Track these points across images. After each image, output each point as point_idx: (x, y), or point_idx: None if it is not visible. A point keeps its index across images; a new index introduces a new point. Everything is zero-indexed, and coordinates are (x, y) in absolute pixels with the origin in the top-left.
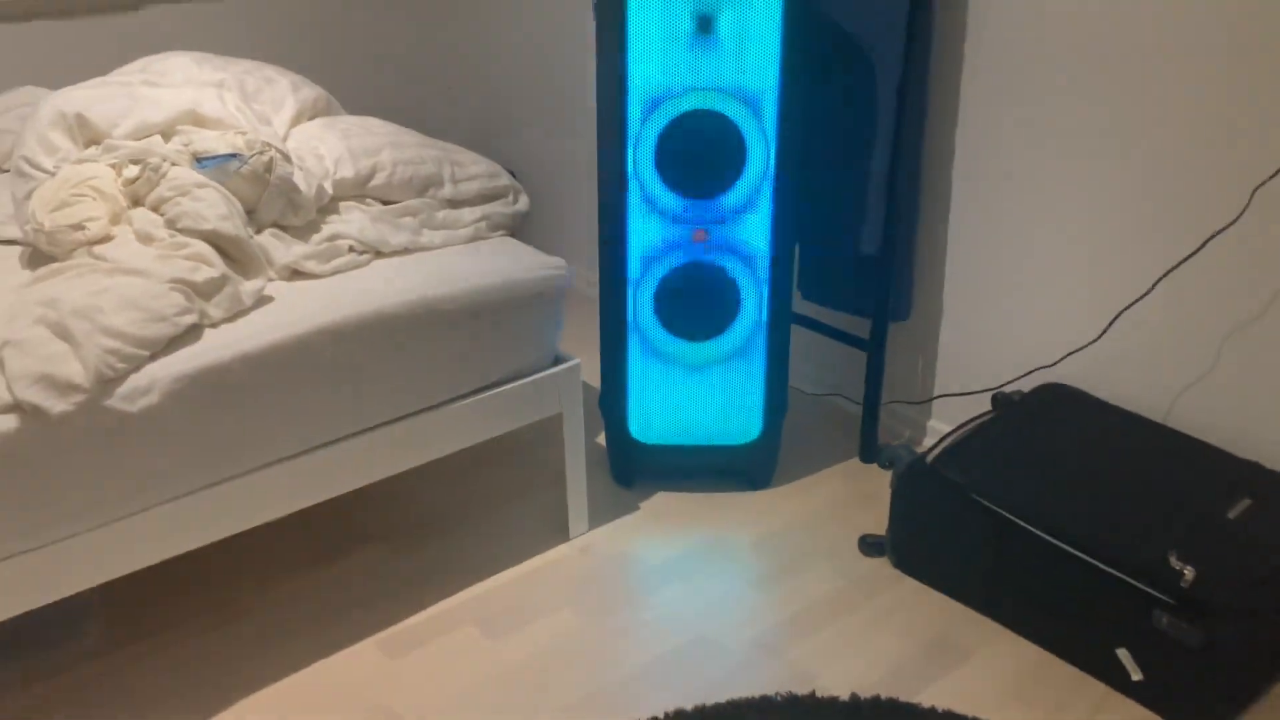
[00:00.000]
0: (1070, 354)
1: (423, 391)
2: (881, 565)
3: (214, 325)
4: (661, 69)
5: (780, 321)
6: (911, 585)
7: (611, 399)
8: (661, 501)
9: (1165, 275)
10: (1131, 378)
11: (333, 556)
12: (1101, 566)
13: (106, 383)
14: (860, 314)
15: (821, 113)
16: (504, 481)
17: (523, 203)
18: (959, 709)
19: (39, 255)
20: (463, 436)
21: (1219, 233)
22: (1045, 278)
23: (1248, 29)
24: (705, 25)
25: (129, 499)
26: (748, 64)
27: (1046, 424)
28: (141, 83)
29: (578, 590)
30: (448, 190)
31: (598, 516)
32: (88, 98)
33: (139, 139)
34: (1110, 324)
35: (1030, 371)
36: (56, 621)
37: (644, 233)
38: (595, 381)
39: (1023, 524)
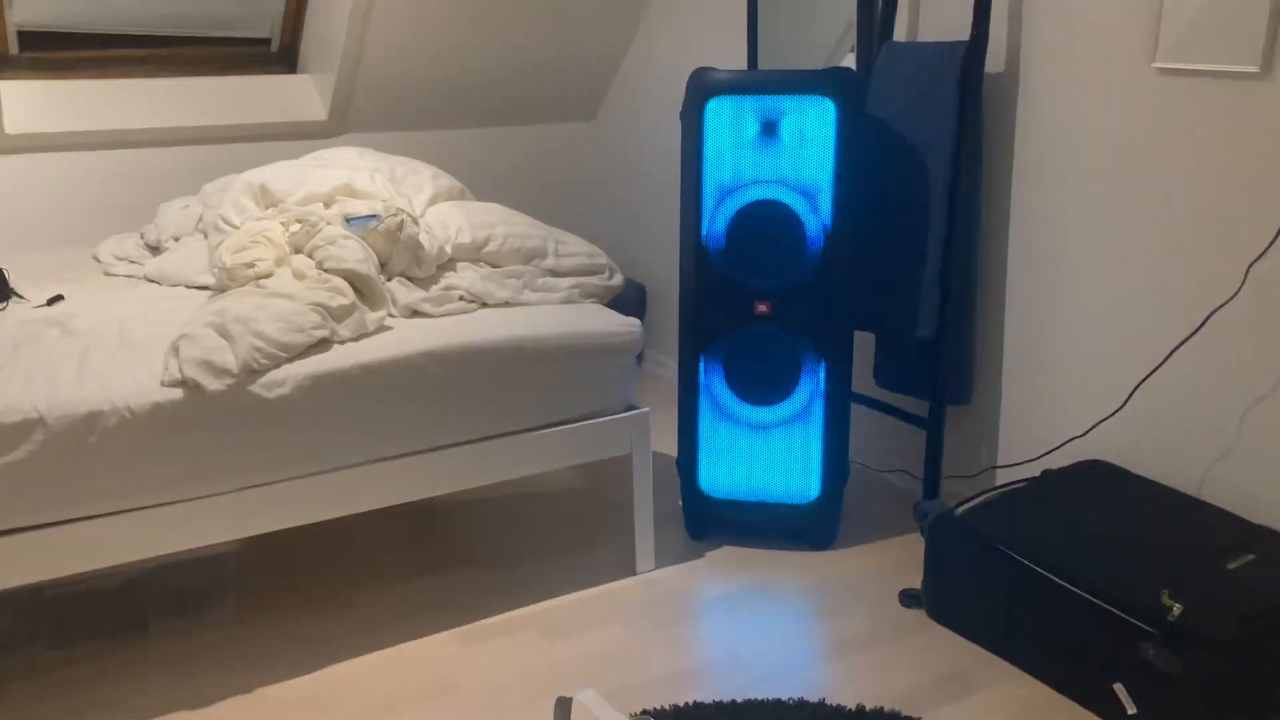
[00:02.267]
0: (1098, 424)
1: (509, 418)
2: (917, 615)
3: (342, 342)
4: (732, 166)
5: (838, 390)
6: (941, 631)
7: (685, 456)
8: (727, 553)
9: (1177, 348)
10: (1164, 452)
11: (433, 568)
12: (1100, 604)
13: (252, 373)
14: (927, 398)
15: (882, 210)
16: (588, 526)
17: (617, 279)
18: None
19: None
20: (541, 462)
21: (1219, 308)
22: (1084, 357)
23: (1230, 134)
24: (769, 129)
25: (260, 472)
26: (805, 161)
27: (1076, 491)
28: (314, 165)
29: (633, 611)
30: (550, 261)
31: (665, 560)
32: (272, 173)
33: (305, 205)
34: (1130, 395)
35: (1065, 443)
36: (198, 591)
37: (714, 309)
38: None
39: (1035, 568)
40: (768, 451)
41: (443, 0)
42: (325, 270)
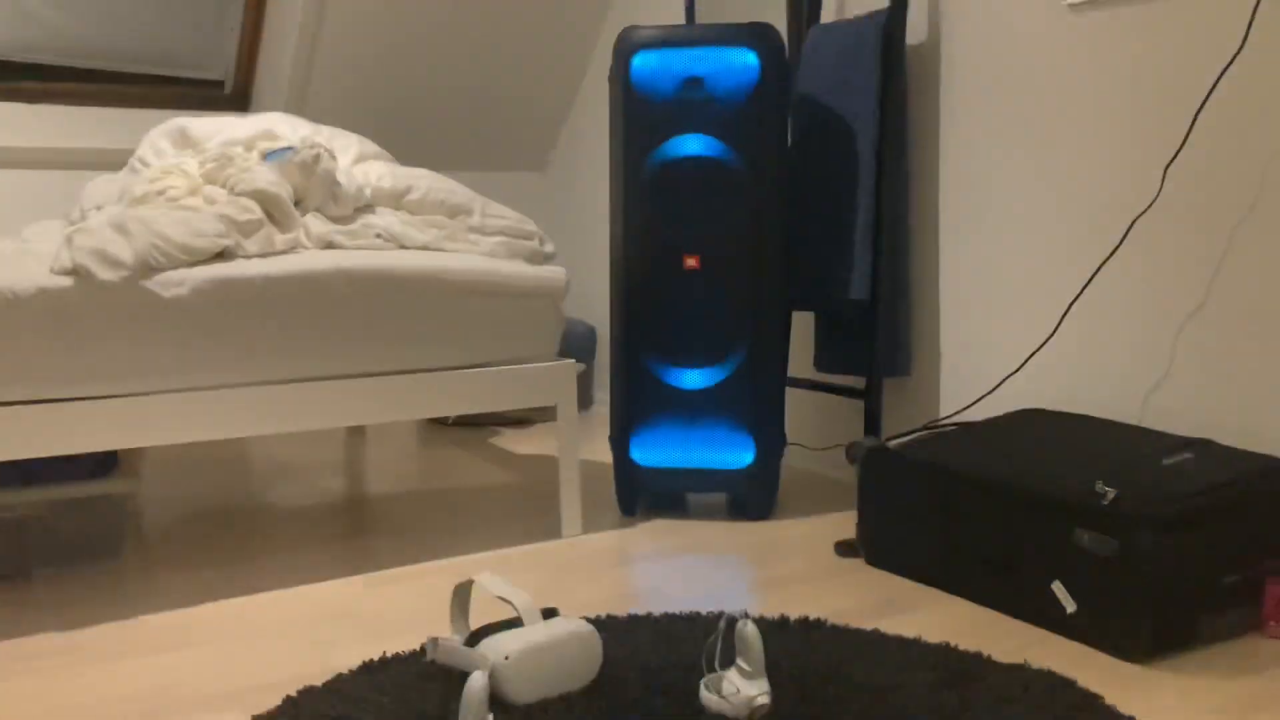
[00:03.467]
0: (1033, 354)
1: (425, 354)
2: (854, 563)
3: (247, 257)
4: (659, 119)
5: (771, 353)
6: (878, 573)
7: (618, 429)
8: (660, 524)
9: (1104, 263)
10: (1102, 388)
11: (352, 535)
12: (1035, 500)
13: (148, 269)
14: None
15: (814, 181)
16: (517, 508)
17: (549, 247)
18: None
19: None
20: (460, 402)
21: (1142, 214)
22: (1017, 302)
23: (1138, 53)
24: (694, 83)
25: (154, 378)
26: (730, 113)
27: (1011, 426)
28: (235, 118)
29: (554, 563)
30: (476, 220)
31: (594, 527)
32: (192, 119)
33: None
34: (1062, 319)
35: (1001, 382)
36: (89, 537)
37: (645, 270)
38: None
39: (968, 479)
40: (701, 417)
41: (390, 47)
42: (235, 194)
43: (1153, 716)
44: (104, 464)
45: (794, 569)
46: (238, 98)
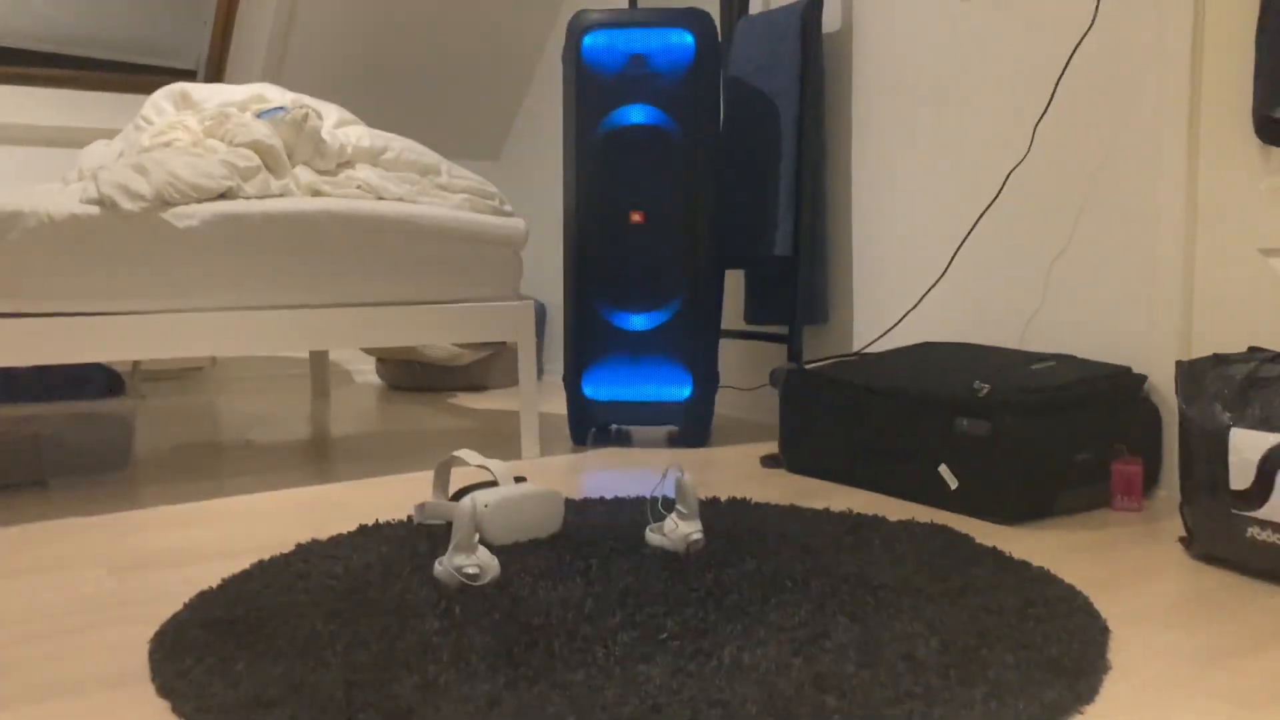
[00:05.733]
0: (927, 292)
1: (400, 288)
2: (778, 472)
3: (247, 199)
4: (607, 92)
5: (705, 298)
6: (798, 477)
7: (570, 368)
8: (607, 451)
9: (984, 212)
10: (988, 319)
11: (332, 460)
12: (924, 400)
13: (164, 203)
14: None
15: (743, 151)
16: (481, 437)
17: (509, 208)
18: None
19: None
20: (431, 332)
21: (1015, 168)
22: (916, 252)
23: (1014, 30)
24: (638, 61)
25: (168, 298)
26: (669, 86)
27: (909, 352)
28: (236, 87)
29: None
30: (444, 179)
31: (550, 453)
32: (192, 84)
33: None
34: (950, 261)
35: (903, 317)
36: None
37: (593, 221)
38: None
39: (867, 389)
40: (645, 356)
41: (354, 45)
42: (235, 144)
43: (1011, 549)
44: (113, 385)
45: (725, 476)
46: None
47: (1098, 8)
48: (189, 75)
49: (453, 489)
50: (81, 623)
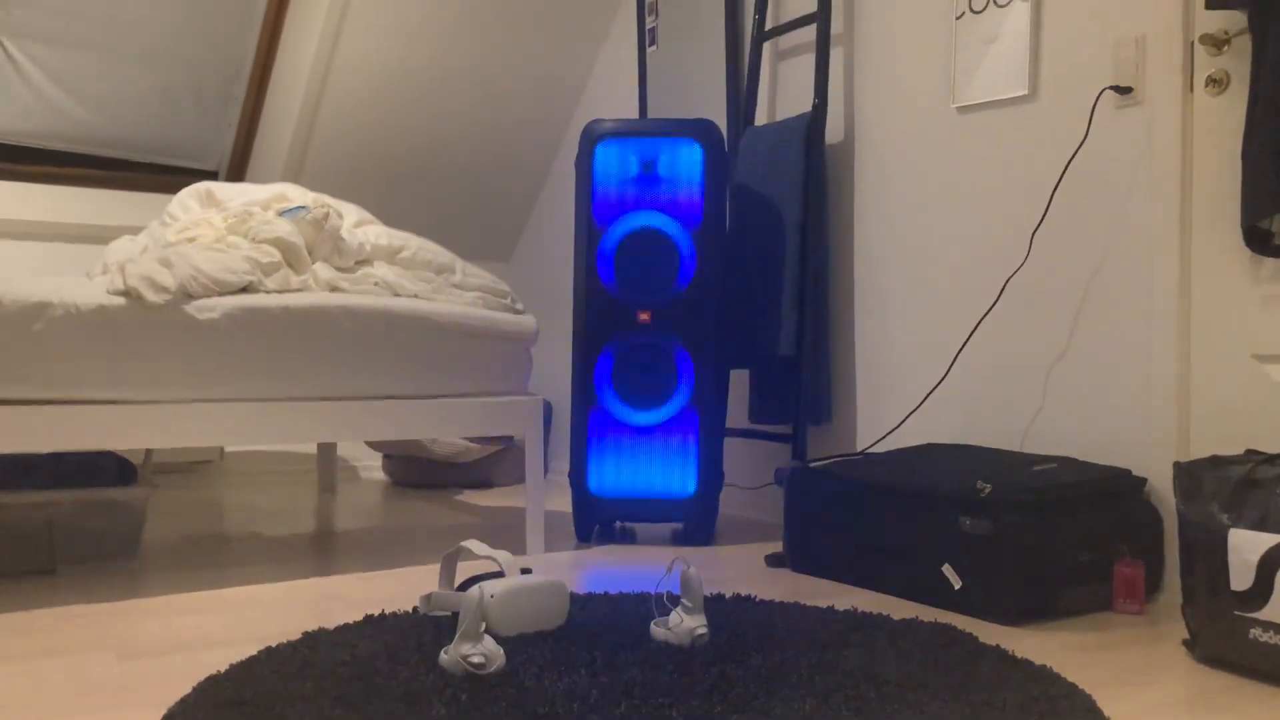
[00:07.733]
0: (930, 393)
1: (412, 382)
2: (783, 571)
3: (268, 292)
4: (617, 199)
5: (711, 396)
6: (802, 576)
7: (576, 461)
8: (612, 548)
9: (984, 316)
10: (989, 423)
11: (337, 552)
12: (928, 499)
13: (187, 296)
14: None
15: (748, 256)
16: (487, 531)
17: (520, 306)
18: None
19: None
20: (440, 426)
21: (1014, 274)
22: (919, 356)
23: (1010, 142)
24: (648, 168)
25: (187, 387)
26: (678, 194)
27: (912, 453)
28: (258, 186)
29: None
30: (458, 277)
31: (554, 549)
32: (218, 185)
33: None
34: (952, 364)
35: (905, 418)
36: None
37: (602, 321)
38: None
39: (870, 486)
40: (650, 453)
41: (372, 145)
42: (257, 241)
43: (1014, 648)
44: (125, 474)
45: (730, 574)
46: None
47: (1091, 121)
48: (211, 176)
49: (459, 580)
50: (90, 705)
